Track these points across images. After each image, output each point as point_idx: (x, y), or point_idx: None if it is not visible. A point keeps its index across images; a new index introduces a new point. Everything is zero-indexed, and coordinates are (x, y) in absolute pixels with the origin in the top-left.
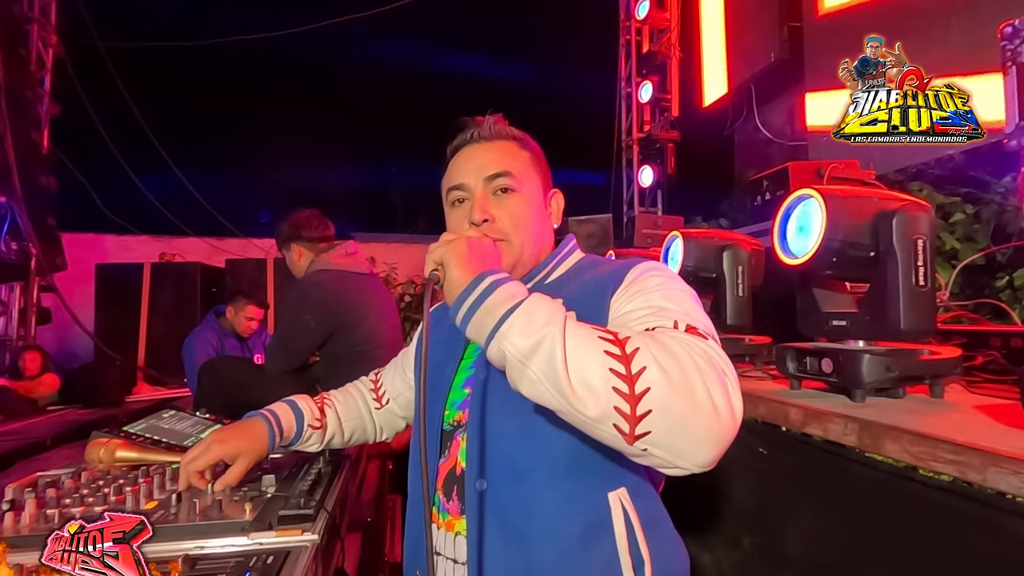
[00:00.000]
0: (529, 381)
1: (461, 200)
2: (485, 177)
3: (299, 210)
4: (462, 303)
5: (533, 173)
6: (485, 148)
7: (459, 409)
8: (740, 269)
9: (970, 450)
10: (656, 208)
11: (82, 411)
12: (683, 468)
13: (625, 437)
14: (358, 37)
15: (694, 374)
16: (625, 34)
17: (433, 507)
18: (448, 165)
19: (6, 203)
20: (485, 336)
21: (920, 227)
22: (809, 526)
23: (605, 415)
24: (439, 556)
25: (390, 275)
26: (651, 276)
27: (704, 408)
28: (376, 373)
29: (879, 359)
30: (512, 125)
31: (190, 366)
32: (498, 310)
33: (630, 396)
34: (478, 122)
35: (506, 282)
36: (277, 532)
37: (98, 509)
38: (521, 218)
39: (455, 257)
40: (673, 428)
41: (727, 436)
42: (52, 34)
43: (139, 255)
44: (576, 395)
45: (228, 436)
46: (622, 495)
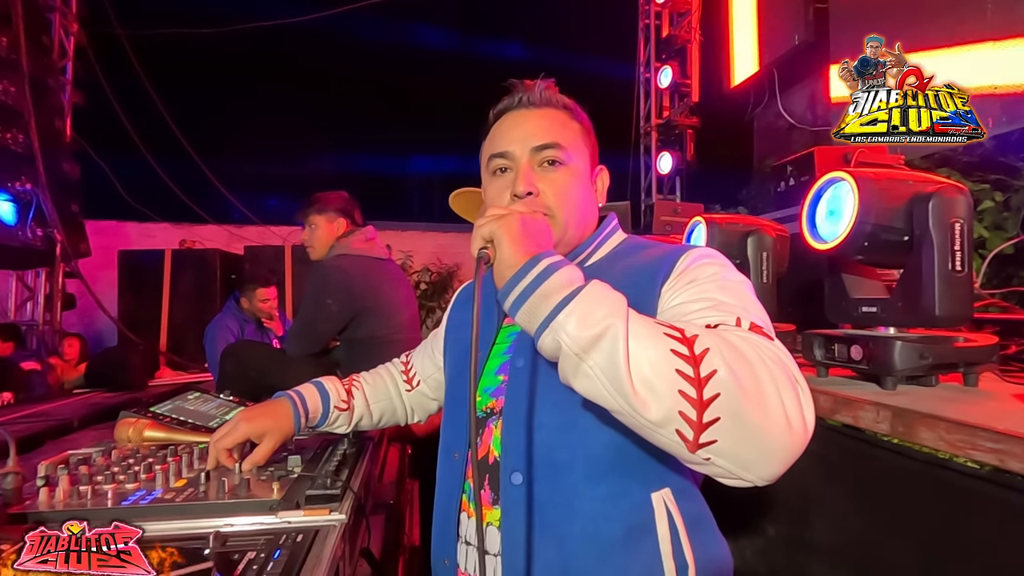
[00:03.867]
0: (585, 376)
1: (503, 169)
2: (532, 147)
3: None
4: (514, 286)
5: (582, 146)
6: (534, 115)
7: (492, 396)
8: (765, 255)
9: (1012, 438)
10: (674, 195)
11: (107, 394)
12: (746, 481)
13: (687, 444)
14: (376, 23)
15: (767, 380)
16: (644, 18)
17: (464, 495)
18: (491, 129)
19: (31, 190)
20: (538, 324)
21: (957, 210)
22: (836, 515)
23: (667, 419)
24: (469, 545)
25: (406, 262)
26: (705, 264)
27: (776, 418)
28: (407, 355)
29: (912, 346)
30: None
31: (211, 352)
32: (554, 297)
33: (697, 401)
34: (527, 86)
35: (563, 266)
36: (305, 511)
37: (129, 487)
38: (567, 194)
39: (507, 234)
40: (741, 438)
41: (797, 450)
42: (73, 22)
43: (160, 242)
44: (637, 396)
45: (255, 415)
46: (666, 496)
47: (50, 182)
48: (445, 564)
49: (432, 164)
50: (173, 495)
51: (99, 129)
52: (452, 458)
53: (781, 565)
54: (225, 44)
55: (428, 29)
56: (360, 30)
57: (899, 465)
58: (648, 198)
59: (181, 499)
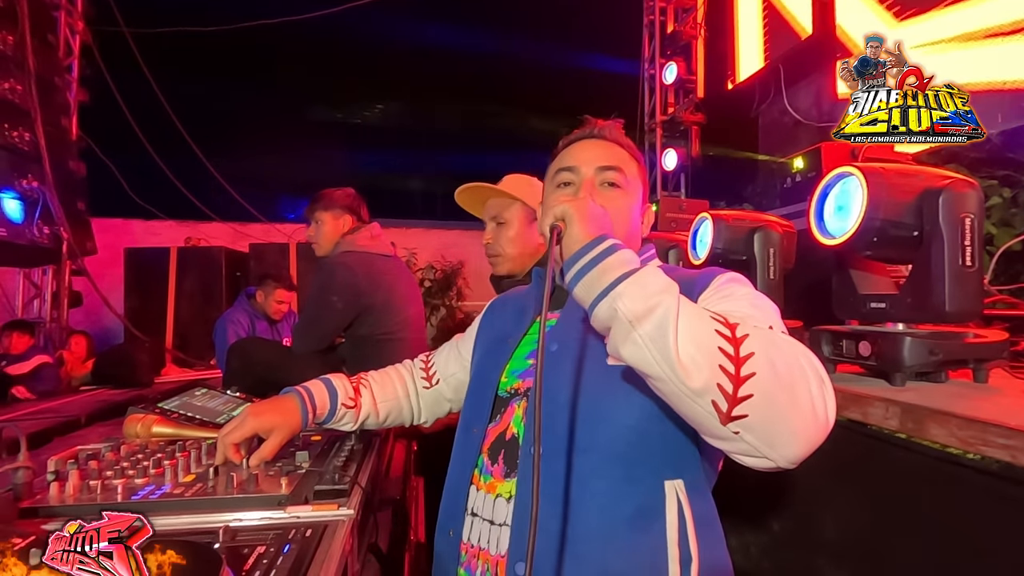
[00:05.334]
0: (634, 343)
1: (567, 183)
2: (598, 167)
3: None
4: (579, 258)
5: (638, 180)
6: (602, 144)
7: (519, 378)
8: (772, 251)
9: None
10: (680, 192)
11: (114, 391)
12: (770, 460)
13: (720, 416)
14: (380, 19)
15: (797, 371)
16: (649, 14)
17: (476, 469)
18: (560, 152)
19: (38, 188)
20: (597, 293)
21: (968, 205)
22: (843, 512)
23: (706, 389)
24: (475, 517)
25: (410, 260)
26: (737, 286)
27: (804, 405)
28: (428, 354)
29: (922, 342)
30: (533, 106)
31: (221, 347)
32: (615, 271)
33: (735, 377)
34: (600, 123)
35: (624, 248)
36: (313, 506)
37: (139, 482)
38: (622, 214)
39: (579, 214)
40: (771, 417)
41: (819, 438)
42: (79, 20)
43: (166, 239)
44: (682, 364)
45: (263, 410)
46: (678, 487)
47: (56, 180)
48: (450, 535)
49: (437, 161)
50: (182, 490)
51: (105, 127)
52: (471, 433)
53: (787, 562)
54: (230, 42)
55: (432, 25)
56: (364, 26)
57: (908, 461)
58: (653, 195)
59: (190, 494)
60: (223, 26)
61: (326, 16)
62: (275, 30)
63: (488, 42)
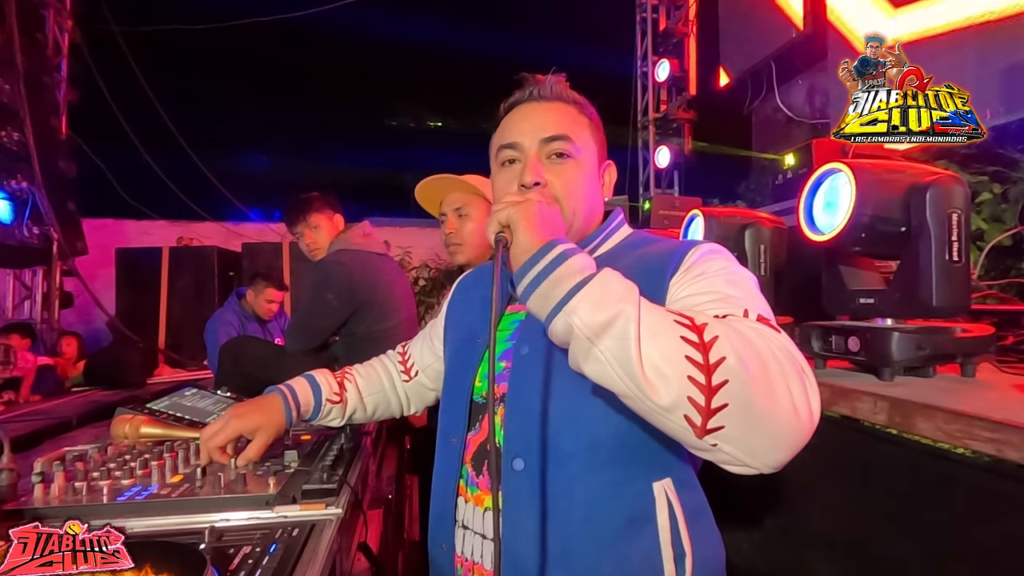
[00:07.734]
0: (595, 360)
1: (512, 160)
2: (541, 139)
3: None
4: (528, 270)
5: (591, 141)
6: (544, 108)
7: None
8: (762, 248)
9: (1009, 427)
10: (673, 189)
11: (106, 392)
12: (751, 468)
13: (695, 430)
14: (372, 17)
15: (774, 369)
16: (641, 11)
17: (461, 480)
18: (501, 122)
19: (27, 188)
20: (550, 308)
21: (955, 200)
22: (832, 506)
23: (676, 404)
24: (466, 530)
25: (404, 259)
26: (713, 259)
27: (783, 406)
28: (403, 346)
29: (910, 337)
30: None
31: (212, 347)
32: (568, 281)
33: (706, 387)
34: (538, 80)
35: (577, 253)
36: (301, 506)
37: (125, 483)
38: (574, 186)
39: (524, 220)
40: (749, 425)
41: (803, 438)
42: (68, 19)
43: (158, 239)
44: (647, 380)
45: (246, 411)
46: (667, 486)
47: (46, 180)
48: (442, 548)
49: (430, 159)
50: (169, 491)
51: (95, 126)
52: (450, 443)
53: (778, 557)
54: (221, 40)
55: (425, 23)
56: (355, 24)
57: (896, 456)
58: (646, 192)
59: (177, 495)
60: (214, 24)
61: (318, 13)
62: (267, 28)
63: (481, 40)
